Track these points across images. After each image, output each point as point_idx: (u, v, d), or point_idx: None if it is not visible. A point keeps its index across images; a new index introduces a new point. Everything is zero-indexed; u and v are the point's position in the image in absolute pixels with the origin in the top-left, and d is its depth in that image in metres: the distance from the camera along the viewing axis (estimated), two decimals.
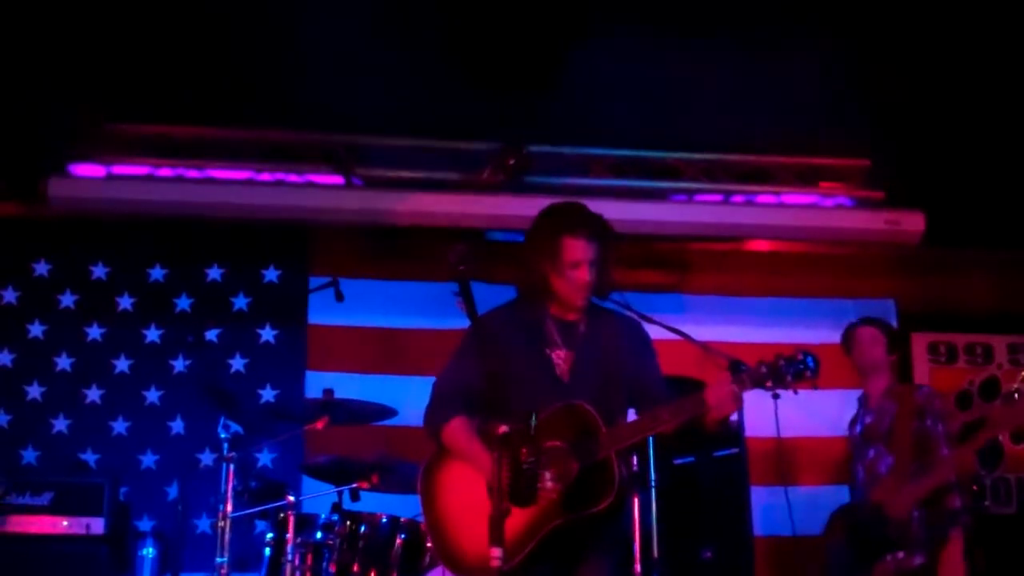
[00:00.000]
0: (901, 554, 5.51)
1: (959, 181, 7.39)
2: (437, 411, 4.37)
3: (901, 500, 5.51)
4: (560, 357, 4.34)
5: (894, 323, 8.15)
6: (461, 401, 4.33)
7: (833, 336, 6.17)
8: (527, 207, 6.77)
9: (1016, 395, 7.99)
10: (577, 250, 4.26)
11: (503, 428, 3.78)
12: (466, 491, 4.15)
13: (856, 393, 6.14)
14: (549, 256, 4.29)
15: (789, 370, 4.07)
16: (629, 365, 4.38)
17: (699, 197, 7.76)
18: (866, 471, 5.78)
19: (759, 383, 4.09)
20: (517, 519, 4.02)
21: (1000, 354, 8.55)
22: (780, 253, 8.31)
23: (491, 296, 4.43)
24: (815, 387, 4.13)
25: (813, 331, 7.18)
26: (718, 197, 7.78)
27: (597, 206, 4.39)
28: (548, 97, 6.74)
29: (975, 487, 7.34)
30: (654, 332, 4.60)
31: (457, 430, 4.30)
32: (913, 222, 7.56)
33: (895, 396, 5.82)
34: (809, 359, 4.08)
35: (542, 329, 4.37)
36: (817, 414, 6.37)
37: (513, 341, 4.34)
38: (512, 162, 7.42)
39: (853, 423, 6.04)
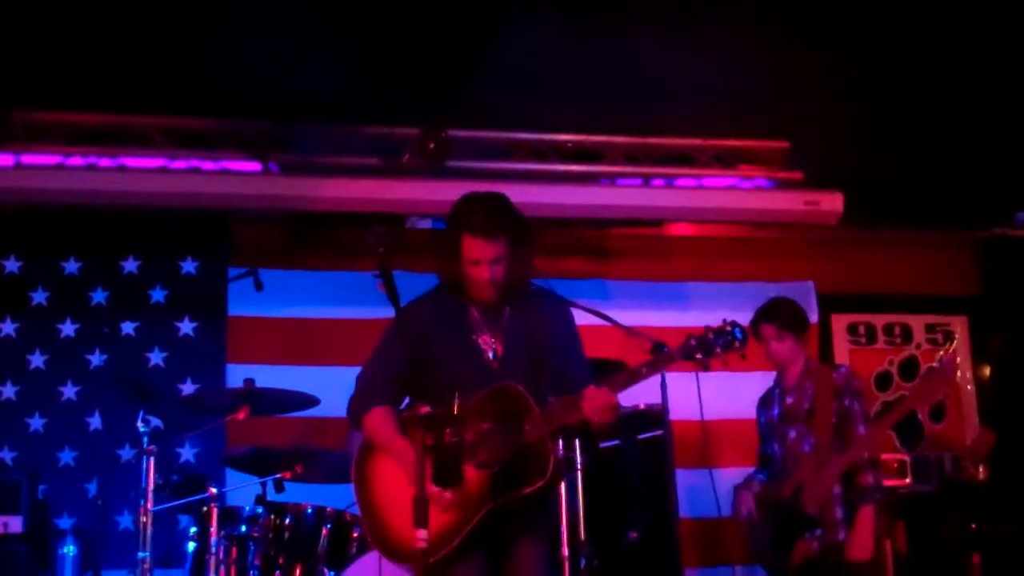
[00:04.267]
0: (819, 531, 5.58)
1: (877, 162, 7.46)
2: (359, 401, 4.37)
3: (821, 480, 5.58)
4: (487, 342, 4.32)
5: (814, 305, 8.26)
6: (383, 391, 4.33)
7: None
8: (448, 192, 6.77)
9: (929, 369, 8.13)
10: (475, 249, 4.20)
11: (425, 409, 3.79)
12: (398, 478, 4.12)
13: None
14: (452, 252, 4.24)
15: (718, 341, 4.12)
16: (554, 349, 4.36)
17: (621, 181, 7.76)
18: (786, 451, 5.82)
19: (689, 355, 4.13)
20: (449, 505, 4.03)
21: (918, 334, 8.70)
22: (701, 238, 8.38)
23: (412, 285, 4.39)
24: (743, 357, 4.17)
25: (735, 315, 6.95)
26: (639, 181, 7.79)
27: (519, 190, 4.35)
28: (469, 81, 6.70)
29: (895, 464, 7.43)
30: (578, 316, 4.61)
31: (376, 420, 4.29)
32: (831, 202, 7.63)
33: (813, 376, 5.85)
34: (736, 330, 4.15)
35: (466, 315, 4.35)
36: (740, 396, 6.40)
37: (439, 328, 4.32)
38: (432, 146, 7.35)
39: (768, 403, 6.05)
